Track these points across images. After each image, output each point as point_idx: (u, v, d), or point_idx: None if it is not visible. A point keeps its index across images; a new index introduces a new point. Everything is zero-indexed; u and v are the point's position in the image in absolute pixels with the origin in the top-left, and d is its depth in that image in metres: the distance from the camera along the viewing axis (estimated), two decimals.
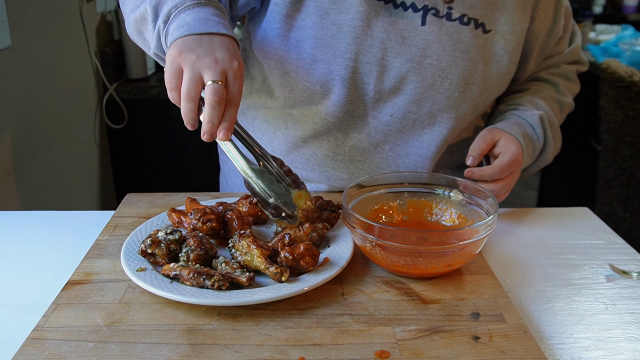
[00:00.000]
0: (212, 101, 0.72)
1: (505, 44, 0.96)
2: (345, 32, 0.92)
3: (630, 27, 2.66)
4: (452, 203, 0.86)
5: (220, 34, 0.78)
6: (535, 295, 0.77)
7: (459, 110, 0.97)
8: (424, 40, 0.93)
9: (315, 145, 1.01)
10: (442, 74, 0.94)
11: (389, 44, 0.93)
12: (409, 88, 0.95)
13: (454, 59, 0.94)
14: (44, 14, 1.63)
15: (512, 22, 0.96)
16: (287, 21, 0.94)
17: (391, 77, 0.94)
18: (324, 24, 0.92)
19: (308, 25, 0.93)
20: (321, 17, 0.92)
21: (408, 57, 0.93)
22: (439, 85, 0.94)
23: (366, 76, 0.94)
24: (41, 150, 1.61)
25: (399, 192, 0.88)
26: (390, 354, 0.62)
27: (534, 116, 0.99)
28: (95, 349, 0.62)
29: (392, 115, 0.97)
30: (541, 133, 0.99)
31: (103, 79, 2.06)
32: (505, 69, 0.97)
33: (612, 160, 2.01)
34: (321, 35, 0.93)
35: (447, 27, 0.93)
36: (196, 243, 0.75)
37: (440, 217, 0.87)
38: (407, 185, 0.88)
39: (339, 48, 0.93)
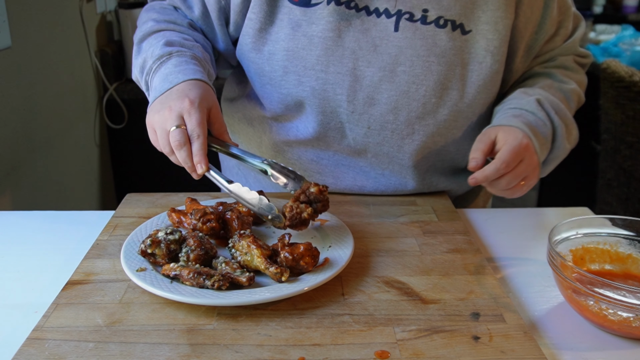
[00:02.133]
0: (174, 146, 0.80)
1: (487, 44, 0.92)
2: (315, 44, 0.91)
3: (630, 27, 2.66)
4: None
5: (180, 83, 0.85)
6: (535, 295, 0.77)
7: (438, 116, 0.94)
8: (396, 47, 0.91)
9: (300, 150, 1.01)
10: (416, 80, 0.92)
11: (360, 54, 0.91)
12: (383, 97, 0.93)
13: (429, 64, 0.91)
14: (44, 14, 1.63)
15: (494, 20, 0.91)
16: (260, 35, 0.94)
17: (364, 87, 0.92)
18: (295, 36, 0.92)
19: (280, 37, 0.93)
20: (293, 29, 0.92)
21: (380, 65, 0.91)
22: (414, 92, 0.92)
23: (338, 87, 0.93)
24: (41, 150, 1.61)
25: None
26: (390, 354, 0.61)
27: (530, 102, 0.92)
28: (95, 349, 0.62)
29: (370, 127, 0.95)
30: (544, 116, 0.91)
31: (103, 79, 2.06)
32: (488, 70, 0.93)
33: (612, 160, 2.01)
34: (292, 47, 0.92)
35: (421, 31, 0.91)
36: (196, 243, 0.75)
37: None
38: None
39: (309, 60, 0.92)
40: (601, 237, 0.79)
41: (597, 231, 0.79)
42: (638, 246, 0.78)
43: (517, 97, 0.95)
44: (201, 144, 0.80)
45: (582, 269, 0.70)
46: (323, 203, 0.81)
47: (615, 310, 0.66)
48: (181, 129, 0.80)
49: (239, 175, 1.12)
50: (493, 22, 0.91)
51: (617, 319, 0.67)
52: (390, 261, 0.80)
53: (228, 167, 1.16)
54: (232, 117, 1.10)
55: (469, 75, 0.93)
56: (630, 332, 0.67)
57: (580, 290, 0.68)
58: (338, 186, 1.01)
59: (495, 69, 0.94)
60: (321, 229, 0.85)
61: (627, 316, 0.66)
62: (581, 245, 0.79)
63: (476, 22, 0.91)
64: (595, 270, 0.78)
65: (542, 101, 0.93)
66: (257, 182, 1.08)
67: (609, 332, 0.69)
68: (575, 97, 1.01)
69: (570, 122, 0.96)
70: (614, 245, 0.79)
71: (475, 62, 0.93)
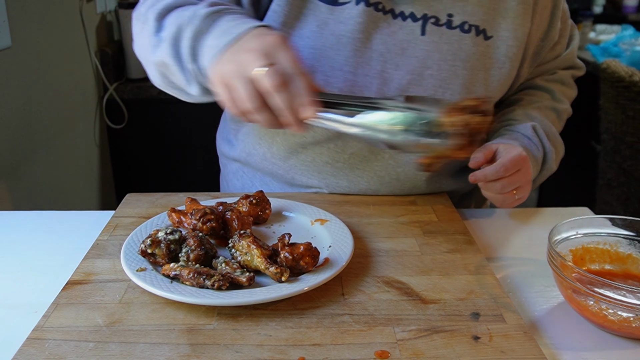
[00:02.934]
0: (271, 89, 0.66)
1: (507, 50, 0.94)
2: (344, 44, 0.90)
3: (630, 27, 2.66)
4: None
5: (245, 32, 0.73)
6: (535, 295, 0.77)
7: None
8: (424, 50, 0.91)
9: (315, 152, 0.99)
10: (443, 84, 0.92)
11: (388, 56, 0.91)
12: None
13: (455, 68, 0.92)
14: (44, 14, 1.63)
15: (513, 27, 0.94)
16: (284, 29, 0.91)
17: (392, 89, 0.92)
18: (322, 34, 0.90)
19: (306, 34, 0.91)
20: (319, 27, 0.90)
21: (408, 68, 0.92)
22: (440, 95, 0.93)
23: (366, 89, 0.92)
24: (41, 150, 1.61)
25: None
26: (390, 354, 0.61)
27: (526, 128, 0.96)
28: (95, 349, 0.62)
29: None
30: (537, 142, 0.96)
31: (103, 79, 2.06)
32: (506, 75, 0.96)
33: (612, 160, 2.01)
34: (319, 46, 0.90)
35: (447, 35, 0.92)
36: (196, 243, 0.75)
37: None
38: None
39: (337, 60, 0.90)
40: (601, 237, 0.79)
41: (597, 231, 0.79)
42: (638, 246, 0.78)
43: (518, 119, 0.99)
44: (306, 82, 0.65)
45: (582, 269, 0.70)
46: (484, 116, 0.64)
47: (615, 310, 0.66)
48: (273, 68, 0.65)
49: (244, 178, 1.11)
50: (513, 30, 0.94)
51: (617, 319, 0.67)
52: (390, 261, 0.80)
53: (232, 170, 1.14)
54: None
55: (491, 80, 0.95)
56: (630, 332, 0.67)
57: (580, 290, 0.68)
58: (352, 190, 1.01)
59: (511, 74, 0.97)
60: (321, 229, 0.85)
61: (627, 316, 0.66)
62: (581, 245, 0.79)
63: (497, 28, 0.94)
64: (595, 270, 0.78)
65: (537, 128, 0.97)
66: (263, 184, 1.07)
67: (609, 332, 0.69)
68: (565, 115, 1.08)
69: (559, 145, 1.02)
70: (614, 245, 0.79)
71: (496, 67, 0.95)
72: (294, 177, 1.02)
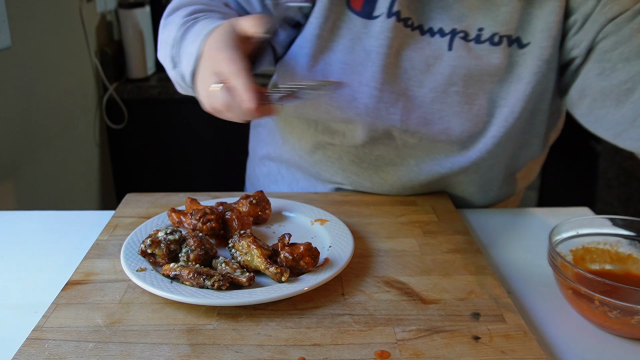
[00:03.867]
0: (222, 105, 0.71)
1: (542, 52, 0.87)
2: (372, 59, 0.88)
3: None
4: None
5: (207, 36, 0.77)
6: (536, 295, 0.77)
7: (489, 133, 0.91)
8: (450, 66, 0.88)
9: (343, 150, 0.98)
10: (469, 100, 0.89)
11: (412, 74, 0.89)
12: (435, 118, 0.90)
13: (482, 82, 0.89)
14: (44, 14, 1.63)
15: (548, 26, 0.86)
16: (319, 42, 0.90)
17: (416, 107, 0.90)
18: (354, 49, 0.89)
19: (338, 49, 0.89)
20: (352, 42, 0.89)
21: (432, 86, 0.89)
22: (467, 112, 0.90)
23: (392, 106, 0.90)
24: (41, 150, 1.61)
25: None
26: (390, 354, 0.61)
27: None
28: (95, 349, 0.61)
29: (421, 140, 0.93)
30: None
31: (103, 79, 2.06)
32: (541, 80, 0.88)
33: (612, 160, 2.01)
34: (350, 61, 0.89)
35: (475, 51, 0.88)
36: (196, 243, 0.75)
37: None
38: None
39: (365, 75, 0.89)
40: (601, 237, 0.79)
41: (597, 231, 0.79)
42: (638, 246, 0.78)
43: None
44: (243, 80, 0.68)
45: (582, 269, 0.70)
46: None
47: (615, 311, 0.66)
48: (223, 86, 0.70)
49: (271, 166, 1.11)
50: (547, 29, 0.86)
51: (617, 320, 0.66)
52: (390, 261, 0.80)
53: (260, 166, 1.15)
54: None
55: (524, 89, 0.88)
56: (630, 332, 0.67)
57: (580, 290, 0.68)
58: (375, 191, 1.01)
59: (548, 77, 0.89)
60: (321, 229, 0.85)
61: (627, 317, 0.66)
62: (581, 245, 0.79)
63: (533, 32, 0.87)
64: (595, 270, 0.78)
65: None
66: (290, 174, 1.08)
67: (609, 332, 0.69)
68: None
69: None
70: (614, 245, 0.79)
71: (530, 74, 0.88)
72: (318, 171, 1.02)
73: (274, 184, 1.12)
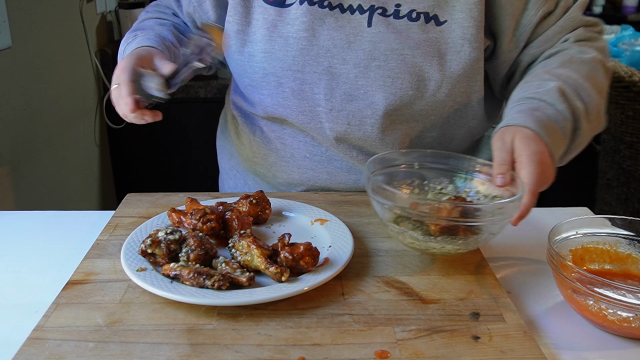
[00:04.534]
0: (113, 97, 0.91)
1: (464, 32, 0.90)
2: (291, 44, 0.92)
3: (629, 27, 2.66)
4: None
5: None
6: (535, 295, 0.77)
7: (415, 107, 0.94)
8: (370, 42, 0.91)
9: (293, 147, 1.02)
10: (391, 74, 0.92)
11: (335, 51, 0.92)
12: (360, 93, 0.93)
13: (403, 57, 0.91)
14: (44, 14, 1.63)
15: (468, 7, 0.90)
16: (240, 36, 0.95)
17: (340, 84, 0.93)
18: (272, 37, 0.93)
19: (258, 39, 0.94)
20: (269, 30, 0.93)
21: (355, 61, 0.92)
22: (390, 85, 0.92)
23: (316, 86, 0.93)
24: (41, 150, 1.61)
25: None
26: (390, 354, 0.62)
27: (550, 92, 0.84)
28: (95, 349, 0.62)
29: (350, 124, 0.95)
30: (565, 108, 0.83)
31: (103, 79, 2.06)
32: (467, 57, 0.91)
33: (612, 160, 2.01)
34: (269, 49, 0.93)
35: (394, 25, 0.91)
36: (196, 243, 0.75)
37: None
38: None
39: (286, 61, 0.93)
40: (601, 237, 0.79)
41: (597, 231, 0.79)
42: (638, 246, 0.78)
43: (538, 80, 0.89)
44: (124, 89, 0.85)
45: (582, 268, 0.70)
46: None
47: (615, 310, 0.66)
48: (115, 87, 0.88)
49: (237, 177, 1.12)
50: (467, 10, 0.90)
51: (617, 319, 0.67)
52: (390, 261, 0.80)
53: (224, 170, 1.16)
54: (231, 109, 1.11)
55: (448, 66, 0.92)
56: (630, 332, 0.67)
57: (580, 290, 0.68)
58: (333, 182, 1.02)
59: (474, 57, 0.92)
60: (321, 229, 0.85)
61: (626, 316, 0.66)
62: (581, 245, 0.79)
63: (451, 11, 0.91)
64: (595, 270, 0.78)
65: (563, 90, 0.85)
66: (256, 183, 1.08)
67: (609, 332, 0.69)
68: (601, 66, 0.93)
69: (594, 106, 0.87)
70: (613, 245, 0.79)
71: (453, 52, 0.91)
72: (275, 174, 1.04)
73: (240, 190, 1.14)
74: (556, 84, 0.86)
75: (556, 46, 0.96)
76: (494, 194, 0.81)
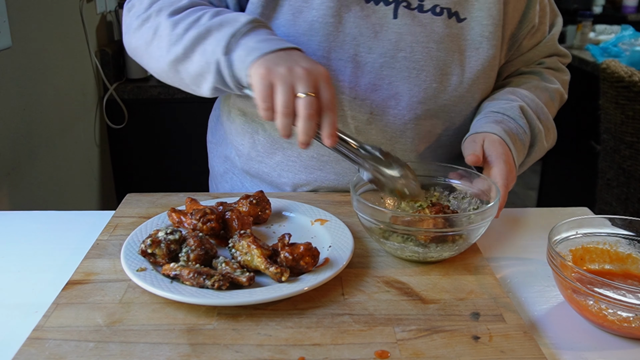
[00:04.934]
0: (306, 115, 0.74)
1: (482, 29, 0.95)
2: (316, 29, 0.92)
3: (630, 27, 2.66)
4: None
5: (289, 47, 0.80)
6: (535, 295, 0.77)
7: (439, 101, 0.96)
8: (396, 33, 0.93)
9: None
10: (417, 66, 0.93)
11: (361, 40, 0.92)
12: (385, 83, 0.94)
13: (428, 50, 0.93)
14: (44, 14, 1.63)
15: (487, 5, 0.94)
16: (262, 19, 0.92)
17: (366, 73, 0.93)
18: (296, 22, 0.92)
19: (281, 23, 0.93)
20: (294, 15, 0.92)
21: (381, 51, 0.93)
22: (415, 77, 0.94)
23: (340, 74, 0.93)
24: (41, 150, 1.61)
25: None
26: (390, 354, 0.62)
27: (513, 108, 0.94)
28: (95, 349, 0.62)
29: (372, 113, 0.96)
30: (525, 124, 0.94)
31: (103, 79, 2.06)
32: (485, 55, 0.96)
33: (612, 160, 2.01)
34: (293, 33, 0.92)
35: (419, 18, 0.93)
36: (196, 243, 0.75)
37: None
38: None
39: (310, 46, 0.92)
40: (601, 237, 0.79)
41: (597, 231, 0.79)
42: (638, 246, 0.78)
43: (503, 98, 0.98)
44: (334, 117, 0.76)
45: (582, 268, 0.70)
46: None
47: (615, 310, 0.66)
48: (314, 98, 0.74)
49: (233, 180, 1.11)
50: (487, 8, 0.95)
51: (617, 319, 0.67)
52: (390, 261, 0.80)
53: (219, 172, 1.15)
54: (228, 110, 1.08)
55: (467, 62, 0.96)
56: (630, 332, 0.67)
57: (580, 290, 0.68)
58: (341, 182, 1.01)
59: (491, 54, 0.97)
60: (321, 229, 0.85)
61: (626, 316, 0.66)
62: (581, 245, 0.79)
63: (470, 9, 0.95)
64: (595, 270, 0.78)
65: (525, 108, 0.95)
66: (254, 185, 1.08)
67: (609, 332, 0.69)
68: (558, 96, 1.06)
69: (551, 126, 1.00)
70: (613, 245, 0.79)
71: (472, 49, 0.96)
72: (280, 173, 1.03)
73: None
74: (519, 103, 0.96)
75: (531, 66, 1.08)
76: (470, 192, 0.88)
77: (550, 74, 1.07)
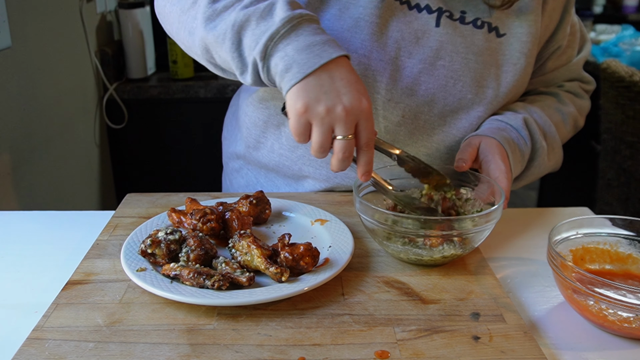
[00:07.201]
0: (341, 157, 0.73)
1: (522, 46, 0.95)
2: (361, 27, 0.91)
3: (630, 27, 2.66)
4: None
5: (332, 60, 0.73)
6: (535, 295, 0.77)
7: (472, 112, 0.95)
8: (437, 41, 0.93)
9: None
10: (454, 75, 0.93)
11: (403, 44, 0.93)
12: (421, 89, 0.94)
13: (467, 61, 0.93)
14: (44, 14, 1.63)
15: (527, 23, 0.95)
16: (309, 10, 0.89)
17: (404, 77, 0.93)
18: (342, 17, 0.92)
19: (327, 17, 0.92)
20: (340, 10, 0.92)
21: (421, 57, 0.93)
22: (451, 87, 0.94)
23: (379, 74, 0.93)
24: (41, 150, 1.61)
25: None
26: (390, 354, 0.62)
27: (517, 119, 0.95)
28: (95, 349, 0.62)
29: (404, 116, 0.95)
30: (527, 135, 0.94)
31: (103, 79, 2.06)
32: (522, 71, 0.96)
33: (612, 160, 2.01)
34: (338, 28, 0.92)
35: (460, 29, 0.93)
36: (196, 243, 0.75)
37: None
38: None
39: (353, 42, 0.92)
40: (601, 237, 0.79)
41: (597, 231, 0.79)
42: (638, 246, 0.78)
43: (512, 109, 0.99)
44: (371, 156, 0.75)
45: (582, 269, 0.70)
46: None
47: (615, 310, 0.66)
48: (351, 141, 0.72)
49: (248, 176, 1.10)
50: (527, 25, 0.95)
51: (617, 319, 0.67)
52: (390, 261, 0.80)
53: (235, 168, 1.14)
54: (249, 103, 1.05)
55: (504, 76, 0.96)
56: (630, 332, 0.67)
57: (580, 290, 0.68)
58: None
59: (527, 71, 0.98)
60: (321, 229, 0.85)
61: (627, 316, 0.66)
62: (581, 245, 0.79)
63: (510, 26, 0.95)
64: (595, 270, 0.78)
65: (529, 121, 0.96)
66: (268, 180, 1.07)
67: (609, 332, 0.69)
68: (572, 120, 1.05)
69: (557, 146, 1.00)
70: (614, 245, 0.79)
71: (510, 64, 0.96)
72: (301, 167, 1.02)
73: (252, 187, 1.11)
74: (524, 115, 0.96)
75: (550, 88, 1.07)
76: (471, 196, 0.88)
77: (567, 98, 1.06)
